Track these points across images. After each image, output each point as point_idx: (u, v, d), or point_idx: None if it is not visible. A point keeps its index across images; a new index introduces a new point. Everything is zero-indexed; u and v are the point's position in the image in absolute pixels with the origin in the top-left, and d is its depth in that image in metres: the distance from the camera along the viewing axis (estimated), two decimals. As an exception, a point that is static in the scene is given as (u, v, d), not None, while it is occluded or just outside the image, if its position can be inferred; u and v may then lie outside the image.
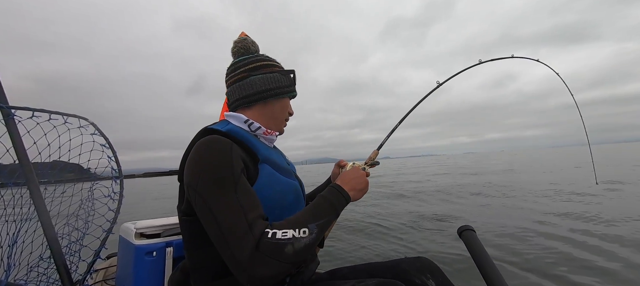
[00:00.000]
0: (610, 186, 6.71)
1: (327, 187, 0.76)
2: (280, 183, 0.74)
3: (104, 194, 1.57)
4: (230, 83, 0.85)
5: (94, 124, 1.47)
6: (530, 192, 6.84)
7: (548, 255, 2.73)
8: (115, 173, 1.58)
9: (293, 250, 0.58)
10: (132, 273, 1.04)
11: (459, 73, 1.35)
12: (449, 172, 16.14)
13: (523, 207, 5.18)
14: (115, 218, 1.53)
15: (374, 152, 1.09)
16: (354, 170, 0.84)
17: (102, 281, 1.44)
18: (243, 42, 0.87)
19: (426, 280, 0.79)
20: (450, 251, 2.97)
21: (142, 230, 1.09)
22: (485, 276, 0.64)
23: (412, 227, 4.23)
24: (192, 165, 0.65)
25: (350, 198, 0.76)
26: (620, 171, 9.94)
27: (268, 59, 0.87)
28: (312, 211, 0.66)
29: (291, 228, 0.60)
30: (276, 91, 0.84)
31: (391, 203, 6.59)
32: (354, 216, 5.11)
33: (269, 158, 0.76)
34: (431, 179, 12.15)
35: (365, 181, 0.83)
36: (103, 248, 1.46)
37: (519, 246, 3.02)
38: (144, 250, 1.04)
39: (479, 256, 0.68)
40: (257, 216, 0.60)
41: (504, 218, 4.38)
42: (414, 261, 0.86)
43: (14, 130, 1.16)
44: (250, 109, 0.84)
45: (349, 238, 3.88)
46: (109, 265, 1.52)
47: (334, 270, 0.96)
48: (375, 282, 0.65)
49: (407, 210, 5.61)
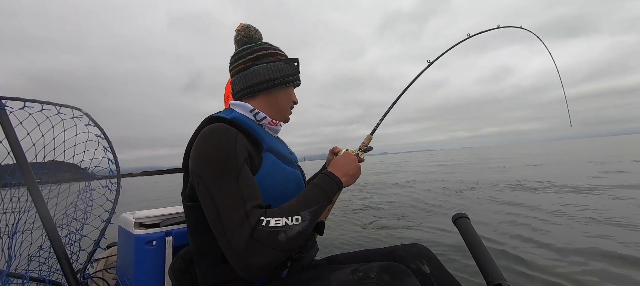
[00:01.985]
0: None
1: (320, 174, 0.76)
2: (283, 172, 0.75)
3: (102, 184, 1.57)
4: (234, 73, 0.85)
5: (88, 115, 1.45)
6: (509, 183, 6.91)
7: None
8: (112, 162, 1.57)
9: (286, 237, 0.59)
10: (132, 262, 1.05)
11: (449, 50, 1.36)
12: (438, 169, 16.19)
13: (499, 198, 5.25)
14: (114, 209, 1.53)
15: (368, 137, 1.08)
16: (345, 156, 0.84)
17: (103, 270, 1.46)
18: (246, 30, 0.86)
19: (421, 266, 0.81)
20: (442, 239, 3.04)
21: (141, 220, 1.10)
22: (479, 262, 0.66)
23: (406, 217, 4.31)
24: (197, 152, 0.66)
25: (343, 184, 0.76)
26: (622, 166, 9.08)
27: (271, 47, 0.86)
28: (304, 199, 0.66)
29: (284, 216, 0.61)
30: (280, 80, 0.83)
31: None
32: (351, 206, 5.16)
33: (273, 148, 0.77)
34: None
35: (357, 166, 0.83)
36: (103, 238, 1.47)
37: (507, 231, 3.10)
38: (144, 239, 1.05)
39: (472, 243, 0.70)
40: (255, 206, 0.61)
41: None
42: (410, 247, 0.87)
43: (6, 121, 1.14)
44: (255, 99, 0.84)
45: (346, 227, 3.95)
46: (109, 254, 1.53)
47: (331, 257, 0.98)
48: (378, 265, 0.66)
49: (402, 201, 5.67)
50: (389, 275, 0.63)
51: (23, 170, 1.16)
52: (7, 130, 1.15)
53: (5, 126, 1.14)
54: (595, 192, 4.93)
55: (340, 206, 5.30)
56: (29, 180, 1.15)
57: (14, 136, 1.15)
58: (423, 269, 0.80)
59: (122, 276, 1.20)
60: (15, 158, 1.15)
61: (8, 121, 1.15)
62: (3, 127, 1.13)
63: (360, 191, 7.42)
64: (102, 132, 1.51)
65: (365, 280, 0.63)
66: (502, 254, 2.46)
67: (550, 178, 7.03)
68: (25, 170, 1.16)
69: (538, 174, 8.27)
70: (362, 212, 4.78)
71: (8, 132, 1.14)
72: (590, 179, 6.48)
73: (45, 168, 1.37)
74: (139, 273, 1.04)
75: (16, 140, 1.16)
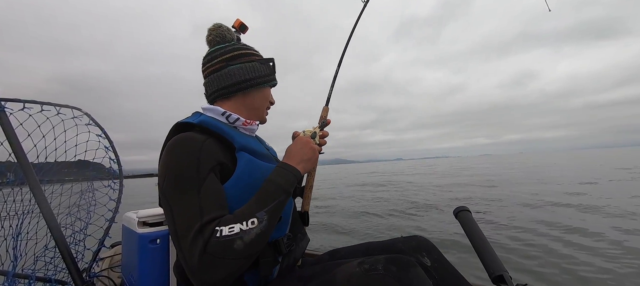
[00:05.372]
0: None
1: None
2: (261, 169, 0.73)
3: (104, 184, 1.58)
4: (207, 74, 0.83)
5: (88, 114, 1.45)
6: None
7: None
8: (114, 162, 1.58)
9: (243, 244, 0.57)
10: (137, 261, 1.06)
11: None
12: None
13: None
14: (117, 207, 1.54)
15: (324, 108, 1.02)
16: (298, 141, 0.81)
17: (108, 269, 1.47)
18: (218, 29, 0.83)
19: (422, 258, 0.82)
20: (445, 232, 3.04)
21: (145, 219, 1.11)
22: (480, 255, 0.66)
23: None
24: (160, 165, 0.66)
25: (300, 172, 0.74)
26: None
27: (246, 47, 0.84)
28: (259, 198, 0.65)
29: (238, 221, 0.59)
30: (256, 81, 0.82)
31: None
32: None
33: (245, 146, 0.75)
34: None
35: (310, 148, 0.80)
36: (107, 237, 1.48)
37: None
38: (148, 237, 1.06)
39: (474, 236, 0.70)
40: (212, 218, 0.59)
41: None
42: (410, 240, 0.88)
43: (6, 123, 1.14)
44: (230, 100, 0.82)
45: (348, 221, 3.97)
46: (114, 253, 1.55)
47: (333, 251, 0.99)
48: (385, 257, 0.66)
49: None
50: (396, 266, 0.64)
51: (25, 171, 1.16)
52: (7, 132, 1.15)
53: (5, 128, 1.14)
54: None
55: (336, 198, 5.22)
56: (31, 181, 1.15)
57: (14, 137, 1.16)
58: (423, 261, 0.81)
59: (127, 275, 1.22)
60: (17, 160, 1.16)
61: (8, 122, 1.15)
62: (3, 129, 1.13)
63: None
64: (102, 131, 1.51)
65: (372, 271, 0.63)
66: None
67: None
68: (27, 171, 1.16)
69: (620, 198, 5.37)
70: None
71: (9, 134, 1.15)
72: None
73: (51, 167, 1.37)
74: (143, 271, 1.05)
75: (17, 141, 1.16)
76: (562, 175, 9.47)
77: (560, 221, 3.73)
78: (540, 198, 5.48)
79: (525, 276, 2.34)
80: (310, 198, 0.94)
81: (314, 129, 0.92)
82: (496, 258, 0.64)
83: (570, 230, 3.40)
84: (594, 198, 5.37)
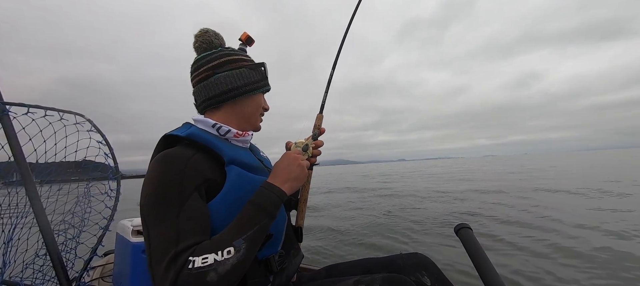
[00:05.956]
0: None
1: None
2: (252, 182, 0.69)
3: (101, 191, 1.56)
4: (195, 84, 0.79)
5: (91, 121, 1.46)
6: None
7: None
8: (113, 170, 1.57)
9: (217, 276, 0.53)
10: (129, 271, 1.04)
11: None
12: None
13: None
14: (112, 216, 1.52)
15: (318, 116, 0.90)
16: (285, 157, 0.74)
17: (99, 278, 1.43)
18: (205, 35, 0.78)
19: (421, 277, 0.80)
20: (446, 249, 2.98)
21: (139, 228, 1.09)
22: (482, 274, 0.65)
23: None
24: (143, 183, 0.63)
25: (285, 193, 0.68)
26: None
27: (234, 53, 0.79)
28: (238, 223, 0.60)
29: (213, 251, 0.55)
30: (245, 88, 0.77)
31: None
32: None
33: (235, 159, 0.71)
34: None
35: (298, 166, 0.72)
36: (100, 246, 1.45)
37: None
38: (141, 247, 1.04)
39: (475, 254, 0.69)
40: (188, 245, 0.55)
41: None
42: (410, 257, 0.86)
43: (9, 126, 1.15)
44: (219, 110, 0.78)
45: (347, 235, 3.90)
46: (106, 262, 1.51)
47: (331, 266, 0.96)
48: (382, 276, 0.65)
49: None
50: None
51: (23, 175, 1.16)
52: (9, 135, 1.15)
53: (7, 131, 1.14)
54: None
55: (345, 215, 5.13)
56: (29, 185, 1.14)
57: (15, 140, 1.16)
58: (423, 281, 0.79)
59: (118, 285, 1.18)
60: (17, 164, 1.15)
61: (11, 126, 1.15)
62: (6, 132, 1.14)
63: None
64: (103, 138, 1.52)
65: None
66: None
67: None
68: (25, 175, 1.16)
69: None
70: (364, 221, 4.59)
71: (10, 137, 1.15)
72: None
73: (53, 167, 1.36)
74: (135, 282, 1.02)
75: (18, 144, 1.16)
76: (576, 178, 8.56)
77: (577, 245, 3.32)
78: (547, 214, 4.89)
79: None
80: (304, 212, 0.89)
81: (305, 140, 0.87)
82: (498, 278, 0.62)
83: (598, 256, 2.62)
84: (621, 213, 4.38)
